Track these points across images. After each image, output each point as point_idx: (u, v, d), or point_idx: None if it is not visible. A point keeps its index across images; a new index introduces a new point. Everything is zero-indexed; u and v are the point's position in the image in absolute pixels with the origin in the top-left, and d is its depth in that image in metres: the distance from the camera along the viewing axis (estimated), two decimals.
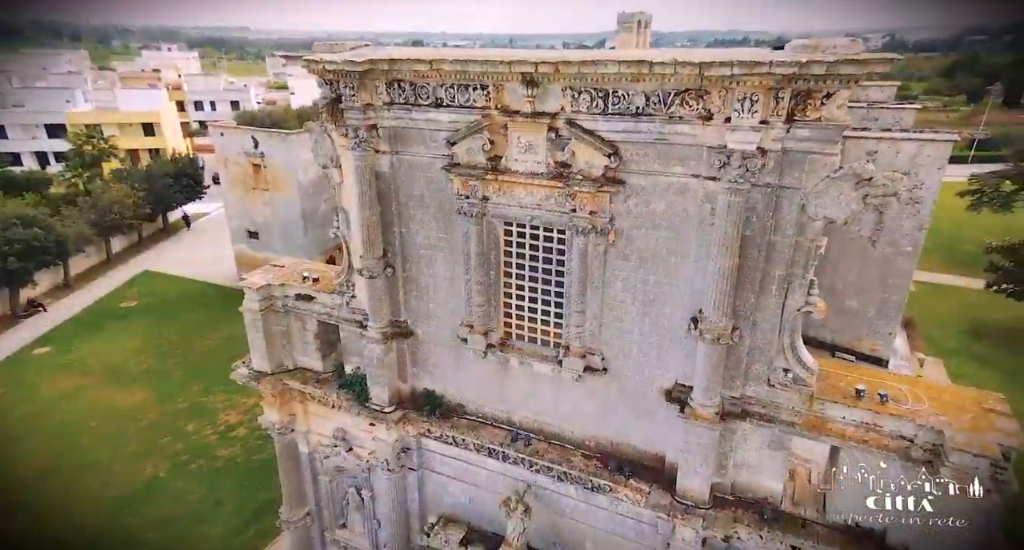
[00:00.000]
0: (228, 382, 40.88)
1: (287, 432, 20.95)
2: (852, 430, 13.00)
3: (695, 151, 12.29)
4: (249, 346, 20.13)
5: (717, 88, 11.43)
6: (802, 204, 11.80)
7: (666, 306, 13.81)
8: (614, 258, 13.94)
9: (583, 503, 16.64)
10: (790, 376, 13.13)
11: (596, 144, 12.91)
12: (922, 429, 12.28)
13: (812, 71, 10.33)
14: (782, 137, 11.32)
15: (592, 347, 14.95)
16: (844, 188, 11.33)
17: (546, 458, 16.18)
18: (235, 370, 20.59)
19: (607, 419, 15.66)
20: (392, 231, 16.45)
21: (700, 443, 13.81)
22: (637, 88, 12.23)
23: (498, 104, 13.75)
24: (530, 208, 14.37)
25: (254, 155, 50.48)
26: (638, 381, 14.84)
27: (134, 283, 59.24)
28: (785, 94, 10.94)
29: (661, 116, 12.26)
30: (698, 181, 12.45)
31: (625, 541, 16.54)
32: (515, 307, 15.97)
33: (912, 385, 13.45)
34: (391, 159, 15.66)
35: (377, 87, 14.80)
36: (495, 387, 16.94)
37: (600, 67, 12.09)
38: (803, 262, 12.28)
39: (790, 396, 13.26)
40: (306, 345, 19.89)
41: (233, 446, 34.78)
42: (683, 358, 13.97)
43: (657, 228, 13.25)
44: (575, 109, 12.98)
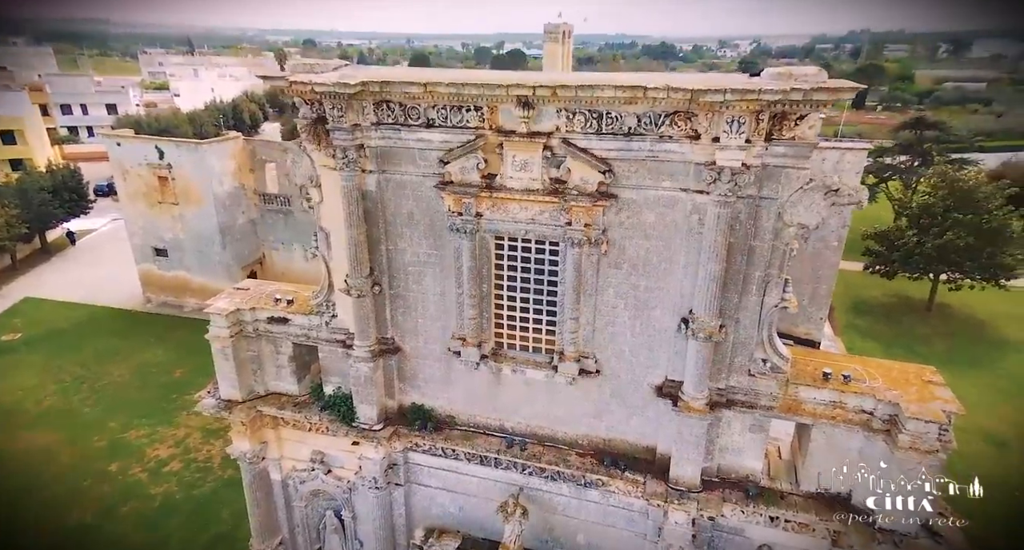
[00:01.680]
0: (151, 414, 38.58)
1: (258, 461, 20.23)
2: (822, 409, 14.79)
3: (683, 167, 13.50)
4: (217, 375, 19.28)
5: (704, 111, 12.66)
6: (779, 212, 13.33)
7: (656, 309, 14.96)
8: (606, 267, 14.91)
9: (575, 499, 17.51)
10: (768, 365, 14.70)
11: (591, 161, 13.81)
12: (880, 403, 14.23)
13: (792, 97, 11.78)
14: (762, 154, 12.75)
15: (586, 351, 15.86)
16: (815, 198, 12.96)
17: (543, 460, 16.91)
18: (200, 402, 19.60)
19: (600, 418, 16.62)
20: (379, 249, 16.49)
21: (692, 433, 15.09)
22: (630, 110, 13.25)
23: (492, 125, 14.29)
24: (524, 222, 15.03)
25: (159, 166, 47.18)
26: (630, 380, 15.92)
27: (14, 313, 53.22)
28: (765, 116, 12.36)
29: (652, 136, 13.36)
30: (686, 194, 13.67)
31: (616, 530, 17.60)
32: (507, 318, 16.56)
33: (864, 365, 15.47)
34: (378, 178, 15.74)
35: (364, 108, 14.85)
36: (487, 396, 17.42)
37: (597, 91, 13.00)
38: (779, 263, 13.85)
39: (768, 383, 14.84)
40: (279, 369, 19.34)
41: (168, 482, 32.55)
42: (672, 356, 15.20)
43: (648, 238, 14.36)
44: (570, 129, 13.80)
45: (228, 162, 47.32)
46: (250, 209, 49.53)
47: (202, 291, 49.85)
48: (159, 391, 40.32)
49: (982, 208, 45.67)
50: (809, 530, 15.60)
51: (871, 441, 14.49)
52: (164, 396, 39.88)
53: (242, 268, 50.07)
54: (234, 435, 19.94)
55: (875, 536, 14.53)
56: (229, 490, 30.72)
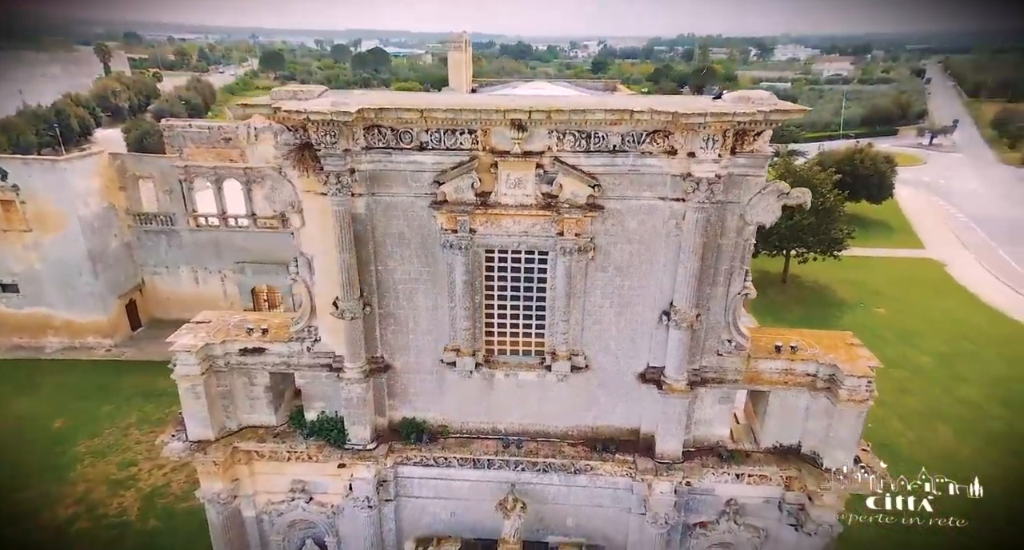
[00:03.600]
0: (37, 473, 33.94)
1: (231, 500, 19.34)
2: (777, 376, 17.50)
3: (661, 179, 15.36)
4: (184, 415, 18.17)
5: (681, 130, 14.56)
6: (741, 214, 15.65)
7: (638, 305, 16.76)
8: (594, 271, 16.44)
9: (565, 487, 18.94)
10: (733, 345, 17.10)
11: (581, 177, 15.22)
12: (822, 366, 17.17)
13: (757, 118, 14.01)
14: (728, 165, 14.92)
15: (576, 349, 17.29)
16: (771, 200, 15.42)
17: (540, 455, 18.11)
18: (166, 447, 18.32)
19: (588, 409, 18.17)
20: (368, 270, 16.66)
21: (675, 411, 17.13)
22: (615, 130, 14.83)
23: (486, 146, 15.18)
24: (517, 235, 16.09)
25: (2, 188, 41.19)
26: (615, 371, 17.61)
27: None
28: (730, 133, 14.51)
29: (634, 152, 15.06)
30: (664, 202, 15.55)
31: (603, 510, 19.31)
32: (497, 326, 17.50)
33: (801, 336, 18.43)
34: (367, 201, 15.93)
35: (355, 133, 15.01)
36: (481, 402, 18.25)
37: (588, 114, 14.43)
38: (741, 257, 16.23)
39: (734, 360, 17.26)
40: (253, 401, 18.65)
41: (79, 544, 29.25)
42: (653, 346, 17.11)
43: (630, 242, 16.08)
44: (560, 148, 15.10)
45: (93, 180, 42.52)
46: (124, 231, 44.93)
47: (68, 328, 44.80)
48: (42, 446, 35.72)
49: (818, 192, 53.58)
50: (768, 480, 18.35)
51: (815, 398, 17.42)
52: (48, 450, 35.43)
53: (118, 297, 45.37)
54: (204, 477, 18.91)
55: (822, 475, 17.53)
56: (160, 541, 28.43)
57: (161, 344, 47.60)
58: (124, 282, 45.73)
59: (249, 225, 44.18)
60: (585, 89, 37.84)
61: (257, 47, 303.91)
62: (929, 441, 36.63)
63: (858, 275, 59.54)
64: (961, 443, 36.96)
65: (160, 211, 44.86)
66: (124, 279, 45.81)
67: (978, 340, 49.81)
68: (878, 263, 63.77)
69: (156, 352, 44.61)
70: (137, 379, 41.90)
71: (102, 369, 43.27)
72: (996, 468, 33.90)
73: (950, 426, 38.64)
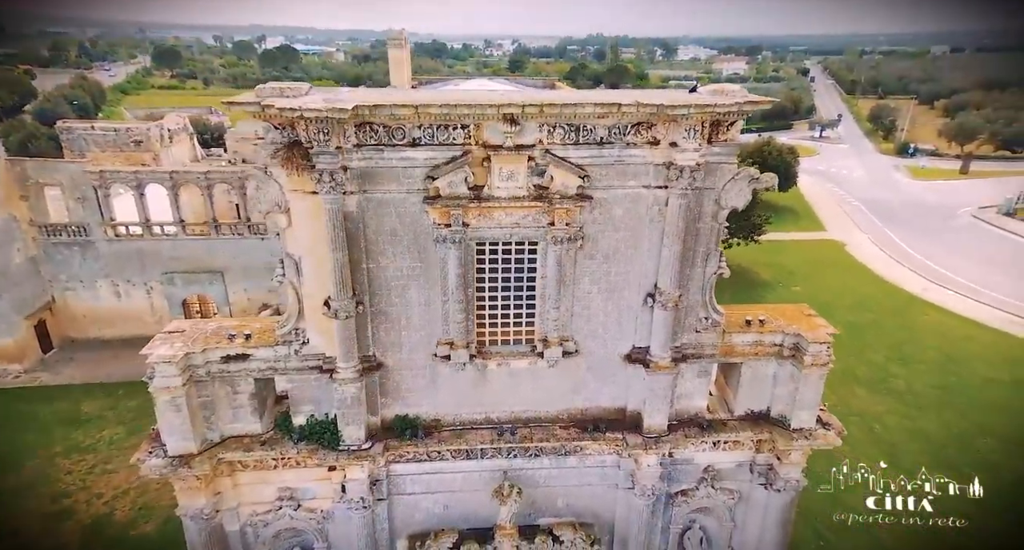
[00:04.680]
0: None
1: (214, 515, 18.56)
2: (748, 348, 18.94)
3: (644, 168, 16.26)
4: (162, 430, 17.24)
5: (663, 122, 15.51)
6: (716, 199, 16.84)
7: (624, 290, 17.63)
8: (583, 258, 17.13)
9: (555, 469, 19.60)
10: (710, 321, 18.34)
11: (571, 168, 15.84)
12: (787, 336, 18.76)
13: (733, 109, 15.18)
14: (706, 154, 16.03)
15: (566, 335, 17.93)
16: (743, 185, 16.70)
17: (534, 440, 18.64)
18: (144, 464, 17.31)
19: (578, 392, 18.87)
20: (360, 269, 16.52)
21: (661, 387, 18.18)
22: (602, 123, 15.56)
23: (478, 140, 15.48)
24: (508, 227, 16.49)
25: None
26: (603, 354, 18.41)
27: None
28: (707, 124, 15.62)
29: (620, 144, 15.86)
30: (648, 190, 16.47)
31: (591, 488, 20.15)
32: (488, 317, 17.84)
33: (766, 310, 20.01)
34: (359, 198, 15.80)
35: (346, 130, 14.87)
36: (473, 393, 18.51)
37: (579, 108, 15.07)
38: (715, 239, 17.44)
39: (711, 336, 18.51)
40: (237, 410, 17.97)
41: None
42: (638, 327, 18.05)
43: (617, 229, 16.90)
44: (551, 141, 15.64)
45: None
46: (29, 245, 41.21)
47: None
48: None
49: None
50: (741, 446, 19.83)
51: (782, 366, 19.02)
52: None
53: (26, 318, 41.66)
54: (184, 493, 18.02)
55: (791, 435, 19.18)
56: None
57: (80, 366, 45.10)
58: (32, 300, 42.05)
59: (177, 233, 41.73)
60: (526, 86, 38.62)
61: (148, 43, 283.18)
62: (849, 402, 40.58)
63: (774, 258, 64.20)
64: (873, 401, 41.35)
65: (71, 221, 41.46)
66: (31, 297, 42.14)
67: (878, 310, 55.35)
68: (790, 246, 69.03)
69: (75, 375, 41.57)
70: (56, 405, 38.74)
71: (14, 397, 39.59)
72: (902, 418, 39.22)
73: (864, 387, 43.10)
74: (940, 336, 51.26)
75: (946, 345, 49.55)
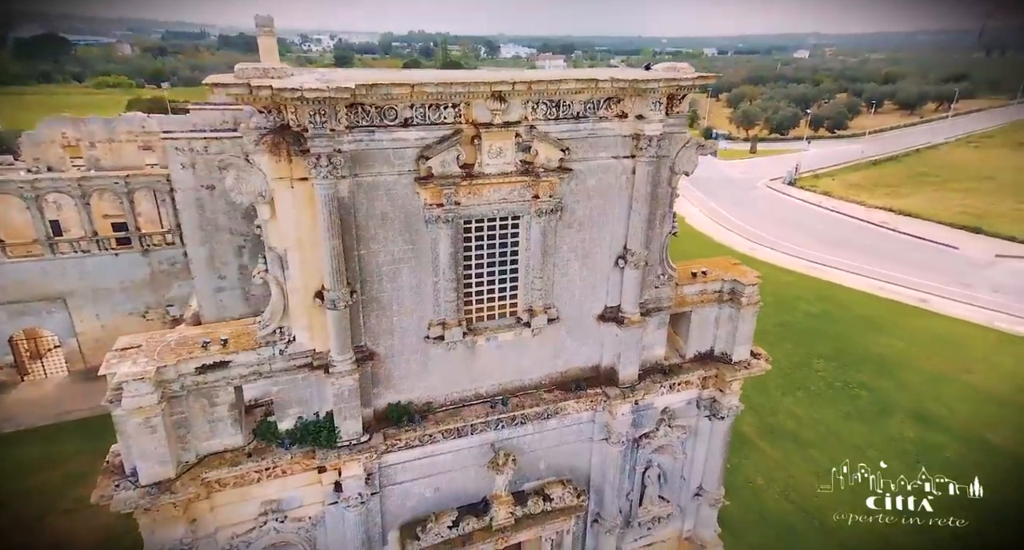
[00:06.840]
0: None
1: (191, 545, 16.88)
2: (696, 297, 21.36)
3: (614, 140, 17.61)
4: (134, 457, 15.27)
5: (630, 96, 16.95)
6: (671, 165, 18.74)
7: (597, 254, 18.95)
8: (563, 228, 18.11)
9: (538, 434, 20.57)
10: (667, 277, 20.38)
11: (554, 142, 16.69)
12: (726, 282, 21.48)
13: (693, 83, 17.03)
14: (665, 124, 17.78)
15: (549, 303, 18.86)
16: (691, 152, 18.78)
17: (526, 406, 19.39)
18: (114, 499, 15.17)
19: (558, 356, 19.93)
20: (351, 256, 15.94)
21: (632, 341, 19.89)
22: (579, 98, 16.59)
23: (468, 118, 15.69)
24: (497, 203, 16.94)
25: None
26: (578, 317, 19.63)
27: None
28: (665, 98, 17.35)
29: (593, 118, 17.03)
30: (617, 160, 17.87)
31: (568, 446, 21.45)
32: (475, 293, 18.15)
33: (701, 264, 22.60)
34: (350, 183, 15.23)
35: (337, 112, 14.26)
36: (464, 371, 18.73)
37: (562, 84, 15.94)
38: (669, 202, 19.40)
39: (667, 290, 20.58)
40: (215, 424, 16.43)
41: None
42: (609, 288, 19.53)
43: (590, 198, 18.10)
44: (535, 117, 16.33)
45: None
46: None
47: None
48: None
49: None
50: (691, 385, 22.39)
51: (722, 309, 21.75)
52: None
53: None
54: (160, 525, 16.13)
55: (733, 367, 22.07)
56: None
57: None
58: None
59: None
60: None
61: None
62: None
63: None
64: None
65: None
66: None
67: None
68: None
69: None
70: None
71: None
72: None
73: None
74: (771, 283, 60.08)
75: (778, 290, 58.39)
